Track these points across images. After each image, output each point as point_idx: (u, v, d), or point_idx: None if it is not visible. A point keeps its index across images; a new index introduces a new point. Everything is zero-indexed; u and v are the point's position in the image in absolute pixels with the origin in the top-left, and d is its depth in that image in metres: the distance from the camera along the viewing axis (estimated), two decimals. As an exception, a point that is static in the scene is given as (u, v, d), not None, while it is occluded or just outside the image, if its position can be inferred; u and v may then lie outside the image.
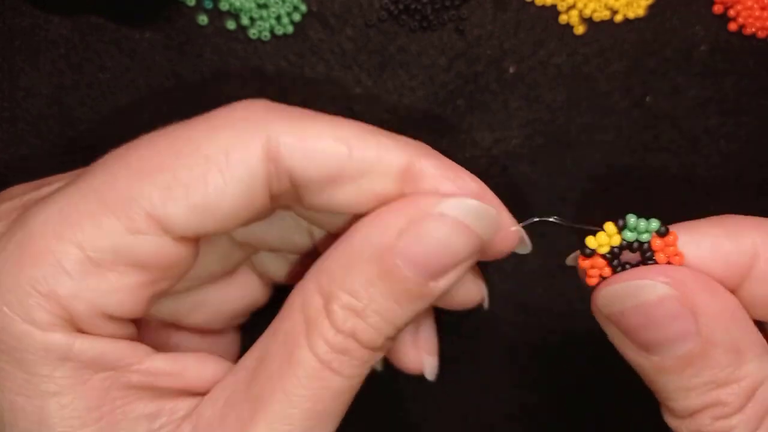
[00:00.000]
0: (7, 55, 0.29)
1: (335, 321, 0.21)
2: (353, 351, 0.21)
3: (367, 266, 0.21)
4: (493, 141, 0.30)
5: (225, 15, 0.29)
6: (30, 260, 0.19)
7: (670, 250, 0.21)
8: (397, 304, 0.21)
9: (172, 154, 0.20)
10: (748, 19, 0.29)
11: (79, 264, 0.19)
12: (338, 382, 0.21)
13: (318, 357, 0.21)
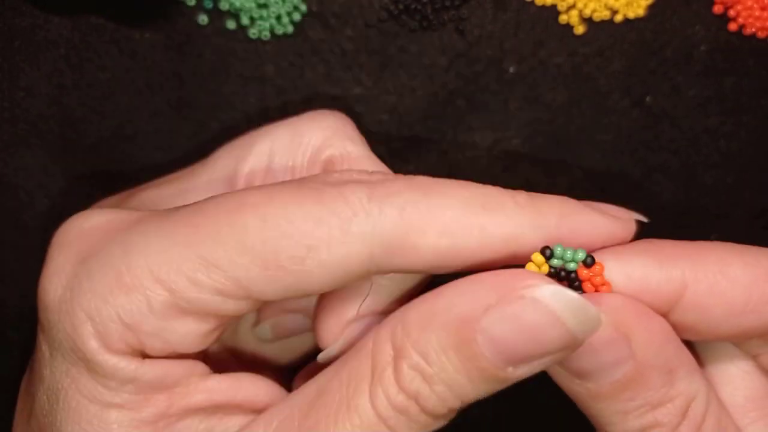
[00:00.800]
0: (7, 55, 0.29)
1: (401, 379, 0.20)
2: (413, 414, 0.20)
3: (445, 333, 0.19)
4: (493, 141, 0.30)
5: (225, 15, 0.29)
6: (123, 290, 0.20)
7: (597, 280, 0.21)
8: (468, 380, 0.20)
9: (278, 235, 0.20)
10: (748, 19, 0.29)
11: (166, 308, 0.20)
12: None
13: (377, 410, 0.20)
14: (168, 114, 0.30)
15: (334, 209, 0.20)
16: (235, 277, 0.20)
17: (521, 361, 0.20)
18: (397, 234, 0.20)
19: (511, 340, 0.19)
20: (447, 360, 0.19)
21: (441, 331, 0.19)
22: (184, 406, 0.21)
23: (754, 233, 0.32)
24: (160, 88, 0.30)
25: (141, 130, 0.30)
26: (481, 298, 0.19)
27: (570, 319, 0.19)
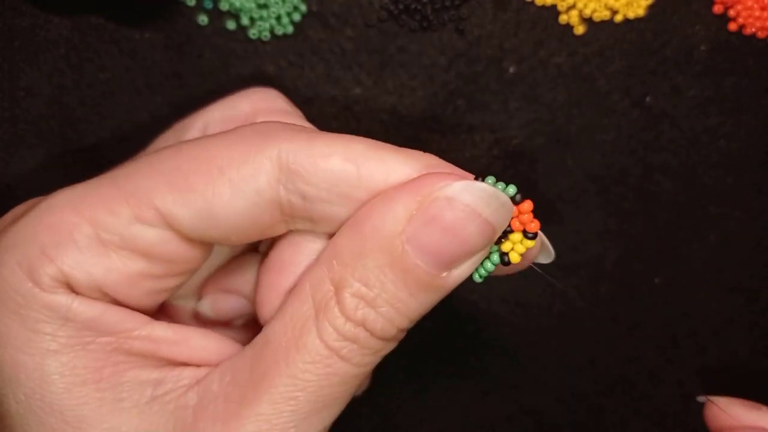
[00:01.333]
0: (7, 55, 0.29)
1: (345, 309, 0.20)
2: (363, 340, 0.21)
3: (379, 254, 0.20)
4: (493, 141, 0.30)
5: (225, 15, 0.29)
6: (45, 228, 0.21)
7: (524, 218, 0.21)
8: (409, 294, 0.20)
9: (191, 159, 0.21)
10: (748, 19, 0.29)
11: (88, 239, 0.21)
12: (346, 369, 0.21)
13: (326, 344, 0.20)
14: (168, 114, 0.30)
15: (246, 137, 0.21)
16: (149, 201, 0.21)
17: (453, 263, 0.20)
18: (304, 155, 0.20)
19: (437, 242, 0.20)
20: (386, 279, 0.20)
21: (374, 253, 0.20)
22: (127, 352, 0.21)
23: (754, 233, 0.32)
24: (160, 88, 0.30)
25: (141, 130, 0.30)
26: (402, 209, 0.20)
27: (484, 209, 0.20)
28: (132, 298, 0.22)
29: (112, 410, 0.21)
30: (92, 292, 0.21)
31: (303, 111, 0.30)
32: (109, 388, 0.21)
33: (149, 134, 0.30)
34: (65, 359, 0.20)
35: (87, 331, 0.21)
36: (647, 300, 0.32)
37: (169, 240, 0.21)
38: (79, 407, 0.21)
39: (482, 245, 0.20)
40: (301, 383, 0.20)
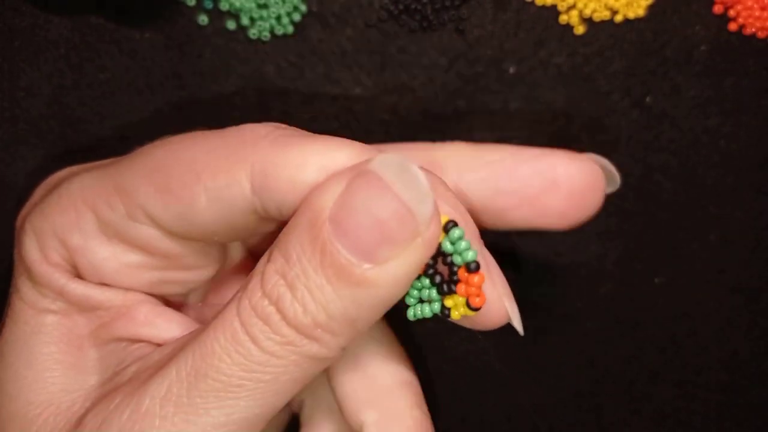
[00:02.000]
0: (7, 55, 0.29)
1: (265, 283, 0.19)
2: (275, 323, 0.19)
3: (302, 231, 0.19)
4: (493, 141, 0.30)
5: (225, 15, 0.29)
6: (59, 210, 0.22)
7: (471, 291, 0.20)
8: (326, 281, 0.19)
9: (174, 160, 0.21)
10: (748, 19, 0.29)
11: (91, 227, 0.22)
12: (256, 354, 0.19)
13: (240, 318, 0.19)
14: (168, 114, 0.30)
15: (228, 142, 0.21)
16: (137, 201, 0.21)
17: (372, 252, 0.18)
18: (279, 167, 0.20)
19: (354, 222, 0.18)
20: (304, 257, 0.19)
21: (299, 229, 0.19)
22: (112, 330, 0.23)
23: (754, 233, 0.32)
24: (160, 88, 0.30)
25: (141, 130, 0.30)
26: (334, 186, 0.19)
27: (396, 182, 0.18)
28: (135, 286, 0.23)
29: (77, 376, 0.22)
30: (94, 275, 0.23)
31: (303, 111, 0.30)
32: (85, 357, 0.23)
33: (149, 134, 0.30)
34: (59, 318, 0.23)
35: (78, 303, 0.23)
36: (647, 300, 0.32)
37: (159, 237, 0.22)
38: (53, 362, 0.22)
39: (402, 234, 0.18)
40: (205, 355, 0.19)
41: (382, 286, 0.19)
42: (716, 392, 0.33)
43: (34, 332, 0.22)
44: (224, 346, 0.19)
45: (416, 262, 0.19)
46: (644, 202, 0.31)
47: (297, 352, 0.19)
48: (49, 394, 0.22)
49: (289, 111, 0.30)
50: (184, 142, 0.22)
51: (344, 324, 0.19)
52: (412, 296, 0.20)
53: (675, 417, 0.33)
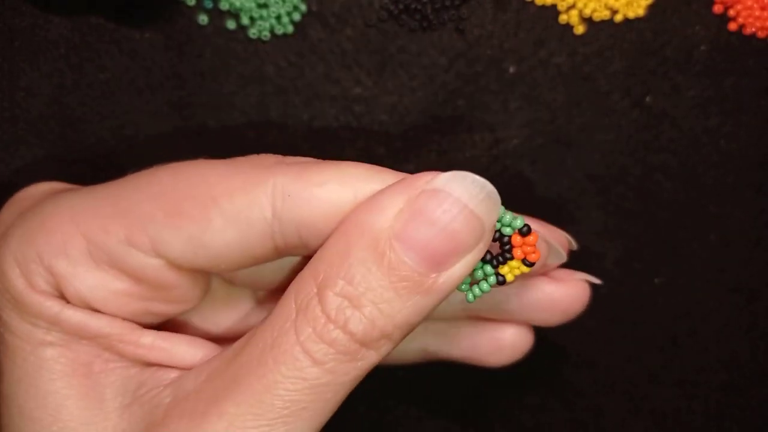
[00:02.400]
0: (7, 55, 0.29)
1: (327, 307, 0.20)
2: (342, 344, 0.20)
3: (364, 252, 0.19)
4: (493, 141, 0.30)
5: (225, 15, 0.29)
6: (44, 234, 0.21)
7: (528, 249, 0.21)
8: (396, 294, 0.19)
9: (186, 185, 0.21)
10: (748, 19, 0.29)
11: (79, 252, 0.21)
12: (320, 376, 0.20)
13: (301, 344, 0.20)
14: (168, 114, 0.30)
15: (242, 168, 0.21)
16: (141, 225, 0.21)
17: (441, 262, 0.19)
18: (299, 185, 0.20)
19: (424, 237, 0.19)
20: (371, 276, 0.19)
21: (360, 250, 0.19)
22: (116, 353, 0.22)
23: (754, 233, 0.32)
24: (160, 88, 0.30)
25: (141, 130, 0.30)
26: (389, 205, 0.19)
27: (470, 199, 0.19)
28: (120, 314, 0.22)
29: (93, 407, 0.21)
30: (81, 303, 0.21)
31: (303, 111, 0.30)
32: (95, 384, 0.21)
33: (149, 134, 0.30)
34: (59, 350, 0.21)
35: (77, 332, 0.21)
36: (647, 300, 0.32)
37: (158, 267, 0.21)
38: (63, 397, 0.21)
39: (471, 241, 0.20)
40: (269, 385, 0.20)
41: (444, 291, 0.20)
42: (716, 392, 0.33)
43: (35, 369, 0.21)
44: (287, 375, 0.20)
45: (474, 262, 0.20)
46: (644, 202, 0.31)
47: (358, 367, 0.20)
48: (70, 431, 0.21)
49: (289, 111, 0.30)
50: (191, 166, 0.22)
51: (404, 330, 0.20)
52: (464, 282, 0.22)
53: (675, 417, 0.33)
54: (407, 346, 0.28)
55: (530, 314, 0.27)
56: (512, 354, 0.28)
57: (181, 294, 0.23)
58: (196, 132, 0.30)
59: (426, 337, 0.28)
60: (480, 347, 0.28)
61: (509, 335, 0.28)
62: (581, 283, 0.27)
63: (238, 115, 0.30)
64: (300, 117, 0.30)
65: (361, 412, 0.34)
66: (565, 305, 0.26)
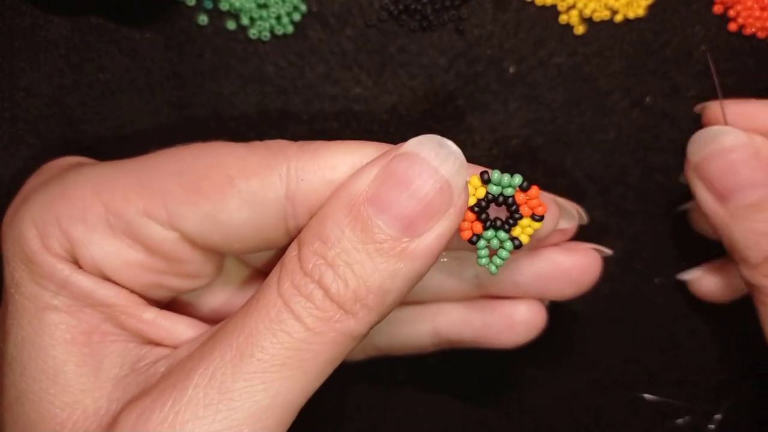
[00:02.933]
0: (7, 55, 0.29)
1: (304, 263, 0.20)
2: (318, 299, 0.20)
3: (340, 213, 0.20)
4: (493, 141, 0.30)
5: (225, 15, 0.29)
6: (64, 200, 0.22)
7: (533, 203, 0.22)
8: (367, 257, 0.20)
9: (205, 164, 0.22)
10: (748, 19, 0.29)
11: (98, 220, 0.22)
12: (299, 331, 0.20)
13: (281, 296, 0.20)
14: (168, 114, 0.30)
15: (258, 151, 0.22)
16: (160, 199, 0.21)
17: (412, 225, 0.20)
18: (312, 169, 0.21)
19: (394, 200, 0.20)
20: (345, 238, 0.20)
21: (336, 212, 0.20)
22: (118, 326, 0.22)
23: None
24: (160, 88, 0.30)
25: (141, 130, 0.30)
26: (367, 173, 0.20)
27: (434, 158, 0.20)
28: (131, 285, 0.23)
29: (90, 375, 0.22)
30: (94, 270, 0.22)
31: (303, 111, 0.30)
32: (94, 353, 0.22)
33: (149, 134, 0.30)
34: (63, 316, 0.22)
35: (82, 297, 0.22)
36: (647, 300, 0.32)
37: (173, 240, 0.22)
38: (62, 363, 0.22)
39: (440, 203, 0.20)
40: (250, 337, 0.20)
41: (418, 257, 0.20)
42: (717, 391, 0.33)
43: (37, 332, 0.22)
44: (268, 325, 0.20)
45: (449, 230, 0.21)
46: (644, 202, 0.31)
47: (336, 328, 0.20)
48: (68, 396, 0.21)
49: (289, 111, 0.30)
50: (210, 147, 0.22)
51: (379, 297, 0.20)
52: (482, 256, 0.22)
53: (675, 417, 0.33)
54: (419, 328, 0.28)
55: (542, 286, 0.27)
56: (526, 332, 0.28)
57: (194, 270, 0.23)
58: (196, 132, 0.30)
59: (438, 319, 0.28)
60: (493, 326, 0.28)
61: (522, 312, 0.28)
62: (591, 251, 0.27)
63: (238, 115, 0.30)
64: (300, 117, 0.30)
65: (363, 412, 0.34)
66: (576, 274, 0.27)
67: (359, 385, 0.34)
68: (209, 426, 0.19)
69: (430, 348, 0.29)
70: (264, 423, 0.20)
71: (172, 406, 0.20)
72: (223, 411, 0.19)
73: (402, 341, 0.29)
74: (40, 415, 0.21)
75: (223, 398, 0.19)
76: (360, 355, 0.30)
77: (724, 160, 0.25)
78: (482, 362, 0.33)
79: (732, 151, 0.25)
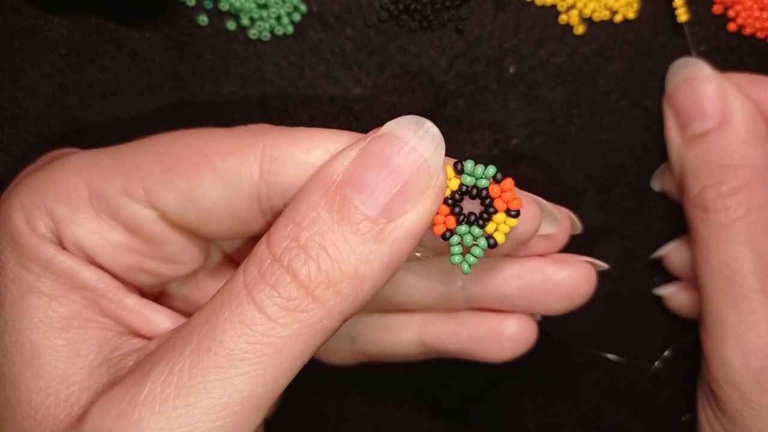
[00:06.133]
0: (7, 55, 0.29)
1: (274, 247, 0.20)
2: (284, 286, 0.19)
3: (315, 196, 0.20)
4: (493, 141, 0.30)
5: (225, 15, 0.29)
6: (50, 183, 0.22)
7: (507, 196, 0.21)
8: (343, 239, 0.19)
9: (183, 145, 0.22)
10: (747, 19, 0.29)
11: (81, 200, 0.22)
12: (260, 323, 0.19)
13: (246, 287, 0.19)
14: (168, 114, 0.30)
15: (237, 133, 0.22)
16: (138, 178, 0.22)
17: (390, 206, 0.20)
18: (288, 150, 0.21)
19: (371, 180, 0.20)
20: (321, 220, 0.19)
21: (311, 195, 0.20)
22: (97, 312, 0.22)
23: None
24: (160, 88, 0.30)
25: (141, 130, 0.30)
26: (345, 156, 0.20)
27: (411, 137, 0.20)
28: (113, 267, 0.23)
29: (66, 360, 0.22)
30: (77, 251, 0.23)
31: (303, 111, 0.30)
32: (72, 339, 0.22)
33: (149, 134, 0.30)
34: (44, 300, 0.22)
35: (65, 280, 0.22)
36: (647, 300, 0.32)
37: (151, 219, 0.22)
38: (40, 347, 0.22)
39: (418, 183, 0.20)
40: (210, 331, 0.19)
41: (396, 240, 0.20)
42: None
43: (18, 316, 0.22)
44: (228, 318, 0.19)
45: (427, 213, 0.20)
46: (644, 202, 0.31)
47: (301, 319, 0.19)
48: (43, 381, 0.21)
49: (289, 111, 0.30)
50: (192, 131, 0.23)
51: (355, 283, 0.20)
52: (455, 253, 0.22)
53: (675, 417, 0.33)
54: (405, 337, 0.28)
55: (531, 300, 0.26)
56: (514, 348, 0.27)
57: (174, 253, 0.24)
58: (196, 132, 0.30)
59: (424, 328, 0.28)
60: (480, 339, 0.27)
61: (511, 327, 0.27)
62: (584, 264, 0.26)
63: (238, 115, 0.30)
64: (300, 117, 0.30)
65: (363, 412, 0.34)
66: (568, 288, 0.26)
67: (359, 385, 0.34)
68: (165, 423, 0.19)
69: (417, 356, 0.29)
70: (222, 422, 0.19)
71: (130, 401, 0.19)
72: (179, 408, 0.19)
73: (388, 349, 0.29)
74: (18, 399, 0.21)
75: (180, 395, 0.19)
76: (350, 361, 0.30)
77: (688, 88, 0.27)
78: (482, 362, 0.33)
79: (696, 80, 0.27)
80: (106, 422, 0.19)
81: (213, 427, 0.19)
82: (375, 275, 0.20)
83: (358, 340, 0.29)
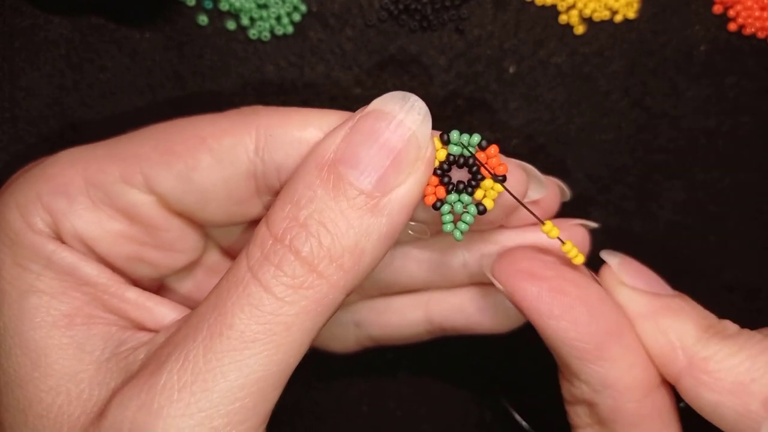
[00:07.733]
0: (7, 55, 0.29)
1: (274, 228, 0.20)
2: (288, 264, 0.20)
3: (310, 175, 0.20)
4: (493, 141, 0.30)
5: (225, 15, 0.29)
6: (45, 178, 0.22)
7: (493, 162, 0.22)
8: (341, 214, 0.20)
9: (178, 130, 0.22)
10: (747, 19, 0.29)
11: (78, 191, 0.22)
12: (268, 304, 0.20)
13: (251, 269, 0.20)
14: (168, 114, 0.30)
15: (231, 115, 0.22)
16: (136, 164, 0.22)
17: (383, 179, 0.20)
18: (282, 129, 0.22)
19: (363, 155, 0.20)
20: (318, 198, 0.20)
21: (306, 175, 0.20)
22: (100, 307, 0.22)
23: (753, 233, 0.32)
24: (160, 88, 0.30)
25: (141, 130, 0.30)
26: (332, 134, 0.21)
27: (398, 111, 0.20)
28: (113, 257, 0.23)
29: (72, 358, 0.22)
30: (77, 243, 0.22)
31: (303, 111, 0.30)
32: (76, 337, 0.22)
33: (149, 134, 0.30)
34: (45, 299, 0.22)
35: (66, 276, 0.22)
36: (647, 300, 0.32)
37: (150, 204, 0.23)
38: (45, 347, 0.22)
39: (408, 155, 0.20)
40: (221, 316, 0.20)
41: (392, 212, 0.20)
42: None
43: (18, 317, 0.22)
44: (236, 301, 0.20)
45: (419, 184, 0.21)
46: (644, 202, 0.31)
47: (307, 296, 0.20)
48: (52, 380, 0.21)
49: (289, 111, 0.30)
50: (184, 118, 0.23)
51: (355, 256, 0.20)
52: (446, 221, 0.22)
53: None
54: (410, 317, 0.28)
55: None
56: (518, 317, 0.28)
57: (173, 240, 0.24)
58: (196, 132, 0.30)
59: (430, 306, 0.28)
60: (486, 311, 0.28)
61: None
62: (576, 227, 0.26)
63: (238, 115, 0.30)
64: (300, 117, 0.30)
65: (363, 411, 0.34)
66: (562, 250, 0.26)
67: (359, 384, 0.34)
68: (184, 409, 0.19)
69: (423, 336, 0.29)
70: (241, 402, 0.19)
71: (148, 392, 0.19)
72: (197, 393, 0.19)
73: (395, 330, 0.29)
74: (28, 400, 0.21)
75: (197, 380, 0.19)
76: (355, 347, 0.30)
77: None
78: (483, 362, 0.33)
79: None
80: (126, 415, 0.19)
81: (232, 408, 0.19)
82: (374, 247, 0.20)
83: (363, 325, 0.29)
